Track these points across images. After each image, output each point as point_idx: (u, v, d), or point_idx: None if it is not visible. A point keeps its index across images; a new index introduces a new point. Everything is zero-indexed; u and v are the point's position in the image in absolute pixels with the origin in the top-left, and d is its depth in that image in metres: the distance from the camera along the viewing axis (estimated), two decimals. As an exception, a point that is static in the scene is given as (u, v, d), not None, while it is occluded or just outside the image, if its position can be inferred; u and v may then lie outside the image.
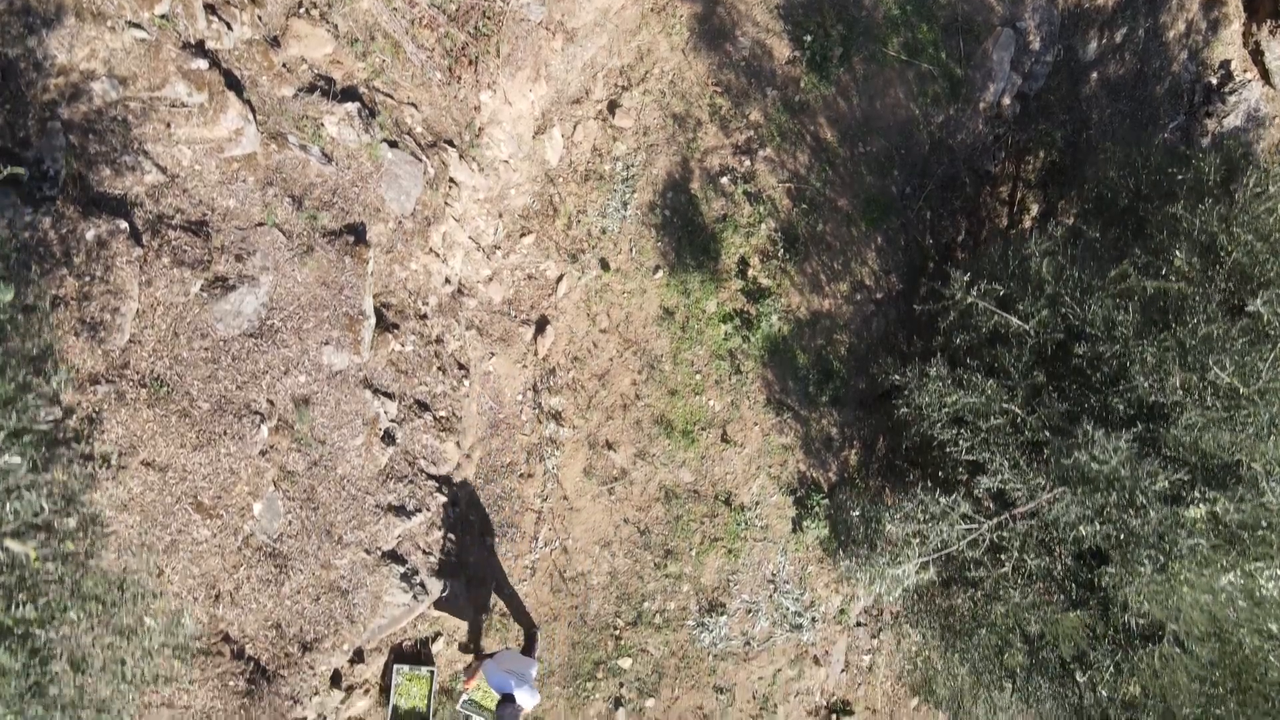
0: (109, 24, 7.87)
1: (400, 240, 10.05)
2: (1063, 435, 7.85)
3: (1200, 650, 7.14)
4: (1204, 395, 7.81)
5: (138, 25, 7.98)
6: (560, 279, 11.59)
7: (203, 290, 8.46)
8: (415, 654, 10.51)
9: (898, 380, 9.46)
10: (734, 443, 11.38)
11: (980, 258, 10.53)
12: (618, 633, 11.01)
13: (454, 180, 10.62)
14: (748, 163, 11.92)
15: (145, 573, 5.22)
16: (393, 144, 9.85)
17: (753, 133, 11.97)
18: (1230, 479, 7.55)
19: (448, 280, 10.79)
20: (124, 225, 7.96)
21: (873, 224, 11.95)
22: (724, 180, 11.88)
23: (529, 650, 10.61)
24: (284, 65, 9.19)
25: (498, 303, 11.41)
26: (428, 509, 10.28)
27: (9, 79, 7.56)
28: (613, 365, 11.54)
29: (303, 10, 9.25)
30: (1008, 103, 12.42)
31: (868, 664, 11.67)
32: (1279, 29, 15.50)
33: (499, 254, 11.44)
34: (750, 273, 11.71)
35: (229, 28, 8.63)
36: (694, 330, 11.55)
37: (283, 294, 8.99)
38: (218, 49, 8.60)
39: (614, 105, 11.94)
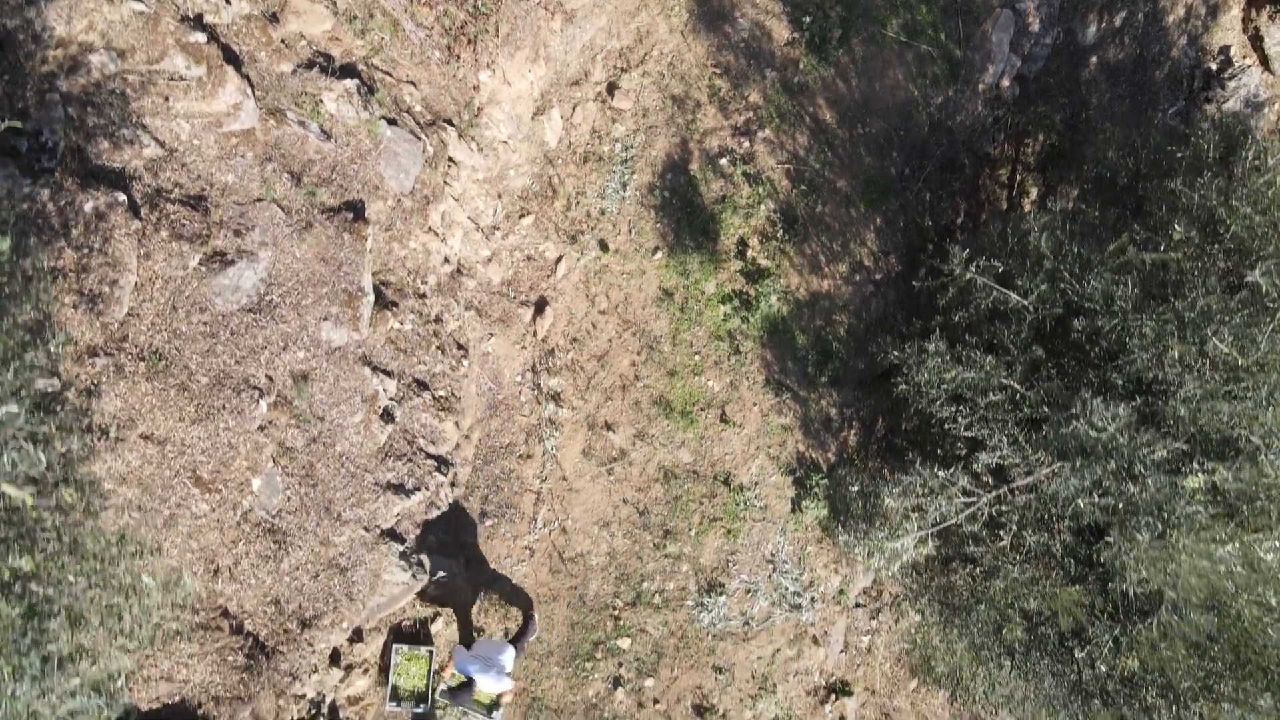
0: (107, -5, 7.87)
1: (399, 218, 10.04)
2: (1061, 408, 7.85)
3: (1198, 618, 7.14)
4: (1202, 368, 7.81)
5: (136, -3, 7.98)
6: (559, 260, 11.59)
7: (201, 265, 8.46)
8: (414, 634, 10.52)
9: (896, 358, 9.46)
10: (733, 423, 11.39)
11: (979, 236, 10.53)
12: (617, 613, 11.01)
13: (453, 159, 10.62)
14: (747, 144, 11.92)
15: (144, 529, 5.21)
16: (391, 122, 9.84)
17: (752, 114, 11.97)
18: (1229, 451, 7.55)
19: (447, 260, 10.79)
20: (122, 198, 7.96)
21: (872, 205, 11.95)
22: (723, 161, 11.88)
23: (523, 634, 10.55)
24: (282, 41, 9.19)
25: (497, 283, 11.41)
26: (426, 488, 10.28)
27: (8, 50, 7.56)
28: (612, 346, 11.54)
29: (301, -14, 9.25)
30: (1007, 85, 12.43)
31: (867, 645, 11.67)
32: (1278, 14, 15.50)
33: (498, 235, 11.44)
34: (749, 254, 11.71)
35: (227, 2, 8.63)
36: (693, 311, 11.55)
37: (281, 270, 8.99)
38: (216, 23, 8.60)
39: (613, 87, 11.94)
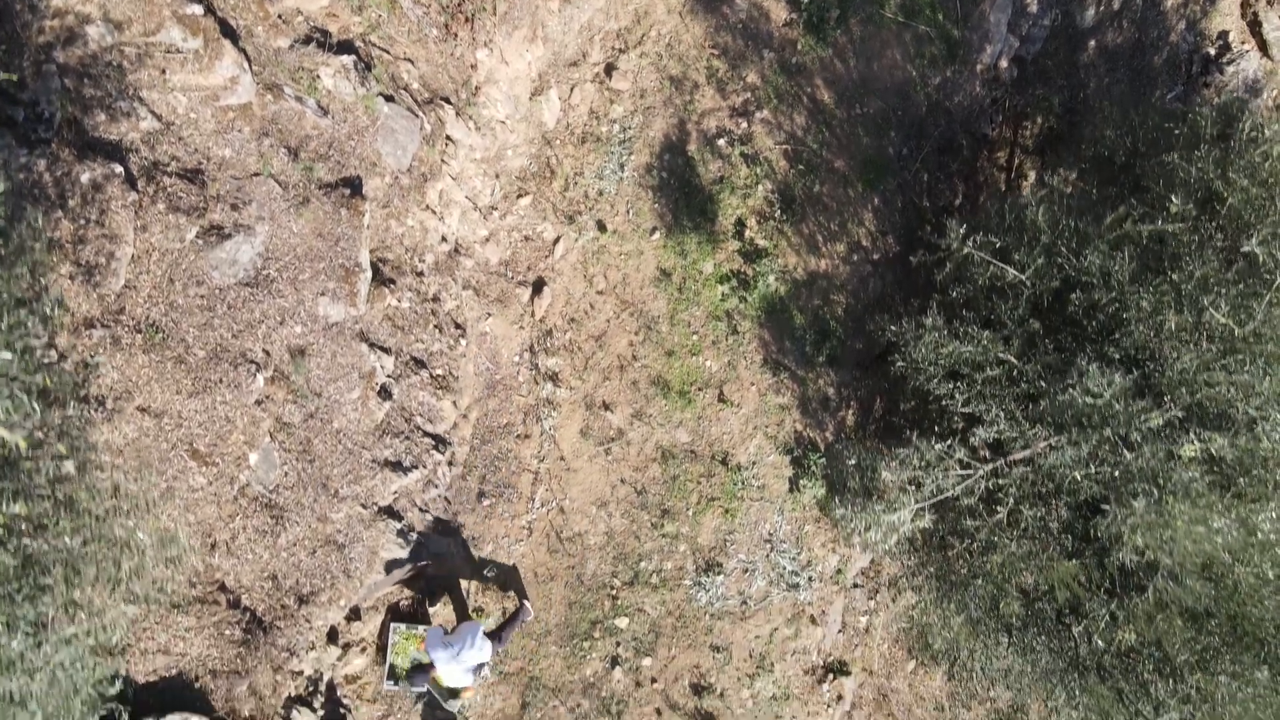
0: (104, -34, 7.87)
1: (397, 195, 10.04)
2: (1058, 376, 7.85)
3: (1194, 584, 7.14)
4: (1199, 340, 7.81)
5: (132, -32, 7.97)
6: (557, 240, 11.59)
7: (198, 238, 8.45)
8: (412, 613, 10.51)
9: (893, 333, 9.45)
10: (731, 403, 11.38)
11: (977, 213, 10.53)
12: (614, 592, 11.01)
13: (450, 138, 10.62)
14: (744, 125, 11.92)
15: (138, 486, 5.21)
16: (389, 99, 9.84)
17: (750, 95, 11.97)
18: (1225, 422, 7.56)
19: (444, 239, 10.79)
20: (119, 170, 7.96)
21: (869, 185, 11.95)
22: (721, 142, 11.88)
23: (510, 623, 10.48)
24: (279, 16, 9.18)
25: (494, 263, 11.41)
26: (424, 466, 10.28)
27: (5, 21, 7.56)
28: (610, 326, 11.54)
29: (298, -39, 9.24)
30: (1005, 66, 12.42)
31: (865, 625, 11.67)
32: (1276, 0, 15.48)
33: (496, 215, 11.44)
34: (747, 234, 11.71)
35: (224, -25, 8.63)
36: (691, 291, 11.55)
37: (278, 244, 8.99)
38: (213, -4, 8.60)
39: (611, 68, 11.93)
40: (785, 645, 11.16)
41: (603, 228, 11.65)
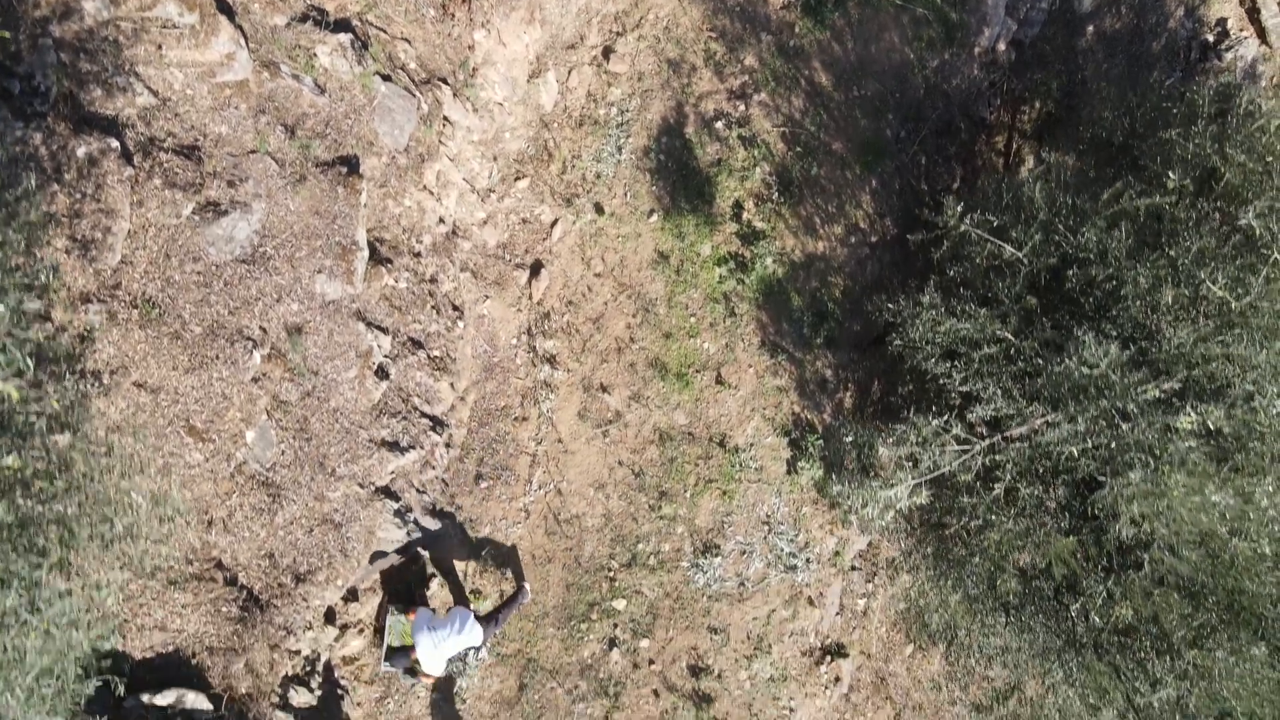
0: (99, -60, 7.85)
1: (394, 175, 10.03)
2: (1056, 352, 7.84)
3: (1190, 554, 7.13)
4: (1196, 314, 7.81)
5: (128, -58, 7.96)
6: (555, 223, 11.58)
7: (194, 214, 8.44)
8: (409, 595, 10.50)
9: (891, 311, 9.45)
10: (728, 385, 11.38)
11: (975, 192, 10.53)
12: (612, 574, 11.01)
13: (448, 119, 10.61)
14: (742, 107, 11.91)
15: (132, 444, 5.20)
16: (386, 78, 9.83)
17: (747, 78, 11.96)
18: (1222, 395, 7.55)
19: (442, 220, 10.78)
20: (115, 144, 7.95)
21: (867, 167, 11.94)
22: (718, 125, 11.87)
23: (513, 600, 10.46)
24: (276, -6, 9.17)
25: (492, 246, 11.40)
26: (421, 447, 10.27)
27: (0, -6, 7.55)
28: (607, 309, 11.53)
29: (295, -61, 9.23)
30: (1003, 49, 12.41)
31: (863, 608, 11.66)
32: (1276, -14, 15.46)
33: (493, 197, 11.43)
34: (745, 216, 11.70)
35: (220, -49, 8.61)
36: (689, 273, 11.54)
37: (275, 221, 8.98)
38: (209, -28, 8.58)
39: (608, 51, 11.92)
40: (783, 627, 11.16)
41: (600, 210, 11.64)
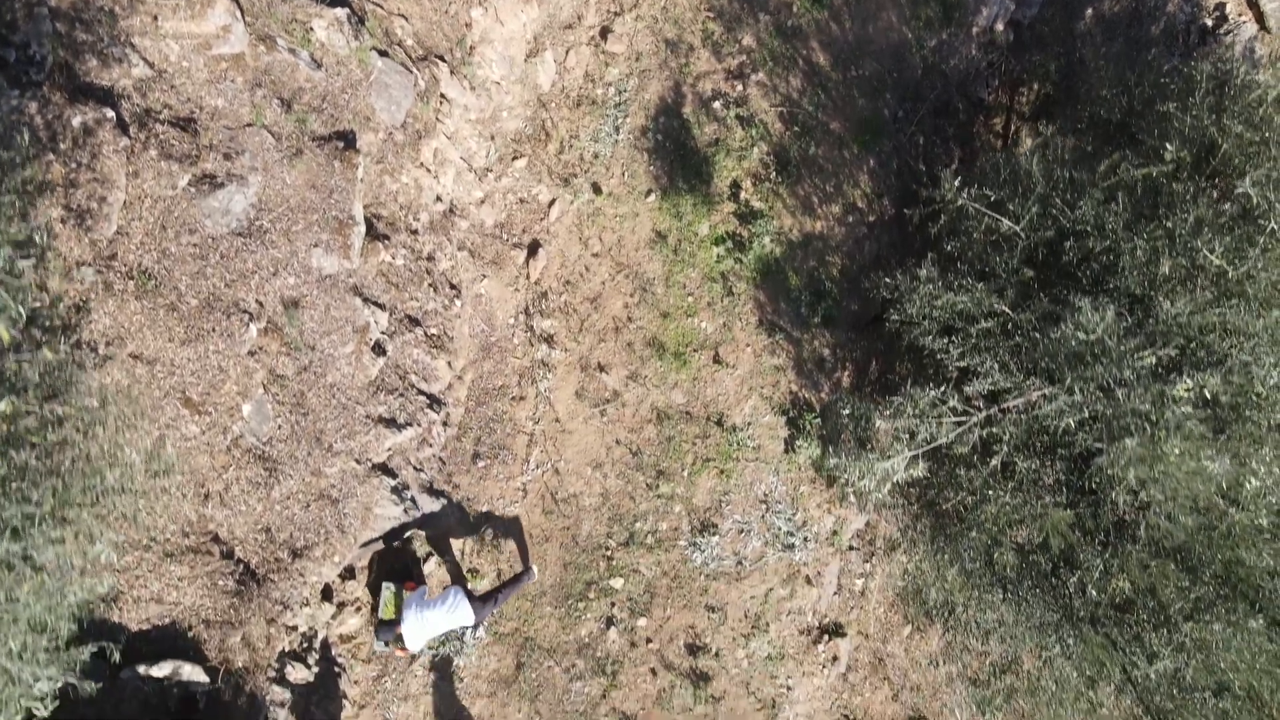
0: (95, -92, 7.85)
1: (391, 151, 10.02)
2: (1052, 321, 7.84)
3: (1186, 519, 7.12)
4: (1194, 283, 7.81)
5: (124, -89, 7.96)
6: (552, 203, 11.57)
7: (190, 186, 8.44)
8: (406, 574, 10.49)
9: (888, 285, 9.44)
10: (726, 364, 11.37)
11: (972, 169, 10.52)
12: (610, 553, 11.00)
13: (445, 96, 10.60)
14: (740, 87, 11.90)
15: (125, 400, 5.19)
16: (383, 53, 9.82)
17: (745, 57, 11.95)
18: (1219, 366, 7.54)
19: (439, 198, 10.77)
20: (110, 114, 7.94)
21: (865, 147, 11.93)
22: (716, 105, 11.86)
23: (517, 580, 10.44)
24: (272, -33, 9.16)
25: (489, 225, 11.39)
26: (418, 424, 10.26)
27: (-5, -38, 7.55)
28: (605, 288, 11.52)
29: (291, -87, 9.22)
30: (1001, 29, 12.40)
31: (860, 588, 11.65)
32: (1275, -29, 15.45)
33: (491, 177, 11.42)
34: (743, 195, 11.69)
35: (216, -77, 8.60)
36: (686, 253, 11.53)
37: (271, 195, 8.97)
38: (205, -56, 8.57)
39: (606, 31, 11.91)
40: (781, 606, 11.15)
41: (598, 190, 11.63)
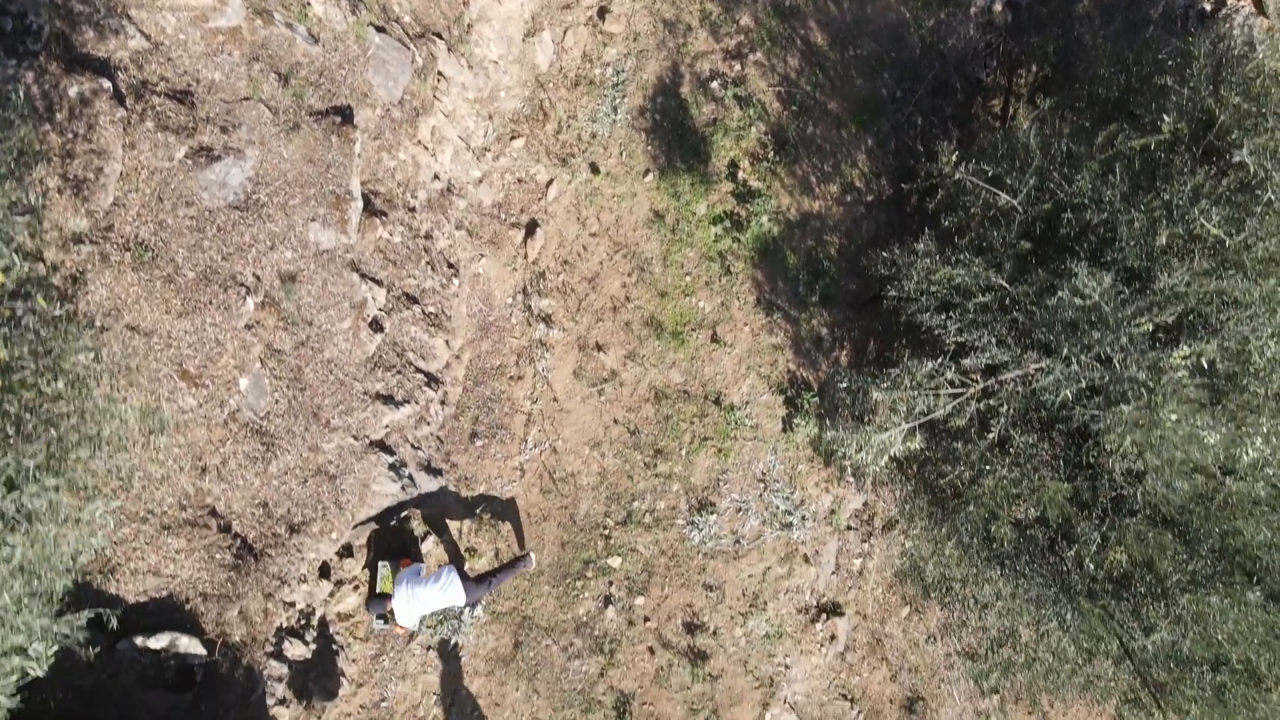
0: (91, -122, 7.84)
1: (388, 128, 10.02)
2: (1051, 293, 7.84)
3: (1183, 484, 7.11)
4: (1191, 253, 7.80)
5: (120, -118, 7.95)
6: (550, 183, 11.57)
7: (187, 158, 8.43)
8: (404, 552, 10.49)
9: (885, 260, 9.43)
10: (724, 343, 11.37)
11: (970, 147, 10.51)
12: (608, 532, 11.00)
13: (443, 74, 10.59)
14: (738, 67, 11.89)
15: (121, 357, 5.19)
16: (380, 29, 9.82)
17: (743, 37, 11.94)
18: (1216, 334, 7.54)
19: (437, 176, 10.76)
20: (107, 85, 7.94)
21: (863, 126, 11.92)
22: (714, 85, 11.85)
23: (514, 565, 10.42)
24: (269, -58, 9.15)
25: (487, 205, 11.39)
26: (416, 402, 10.26)
27: (-9, -68, 7.54)
28: (603, 268, 11.52)
29: (288, -113, 9.21)
30: (999, 9, 12.39)
31: (859, 568, 11.65)
32: (1273, -45, 15.43)
33: (489, 156, 11.42)
34: (740, 175, 11.68)
35: (213, -105, 8.60)
36: (684, 232, 11.52)
37: (269, 169, 8.97)
38: (202, -84, 8.57)
39: (604, 11, 11.91)
40: (778, 584, 11.15)
41: (596, 170, 11.63)
